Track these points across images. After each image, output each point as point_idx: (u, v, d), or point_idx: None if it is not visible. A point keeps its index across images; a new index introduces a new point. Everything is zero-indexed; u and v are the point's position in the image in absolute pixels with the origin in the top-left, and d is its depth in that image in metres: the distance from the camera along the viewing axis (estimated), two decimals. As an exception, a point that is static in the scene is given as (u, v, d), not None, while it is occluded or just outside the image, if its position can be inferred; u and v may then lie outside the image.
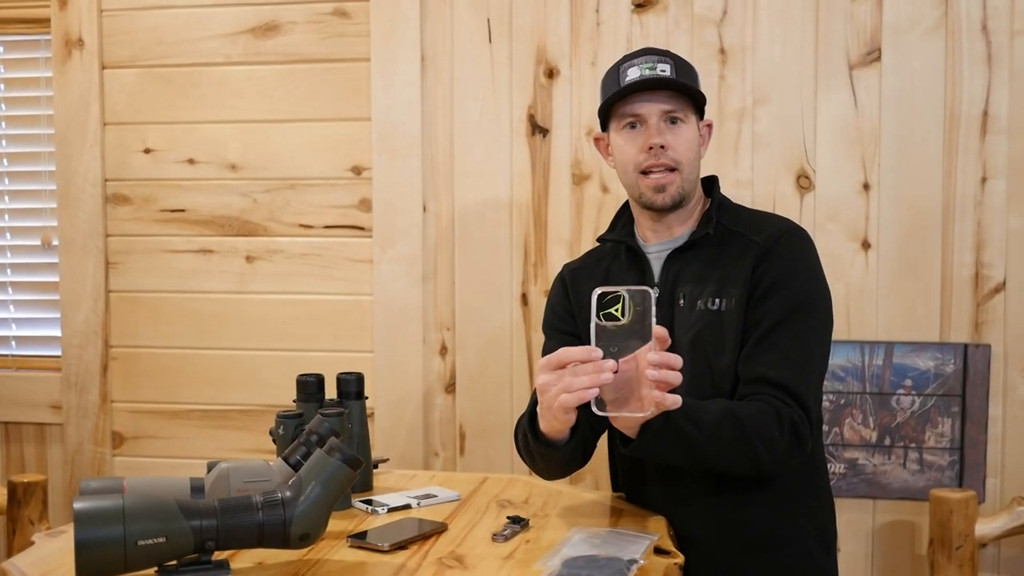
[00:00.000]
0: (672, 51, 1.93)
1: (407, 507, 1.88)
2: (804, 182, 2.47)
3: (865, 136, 2.45)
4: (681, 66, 1.86)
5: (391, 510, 1.85)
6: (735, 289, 1.80)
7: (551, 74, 2.56)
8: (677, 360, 1.53)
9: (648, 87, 1.82)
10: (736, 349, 1.79)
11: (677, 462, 1.74)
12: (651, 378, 1.50)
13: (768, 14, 2.47)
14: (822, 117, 2.46)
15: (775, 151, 2.48)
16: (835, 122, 2.46)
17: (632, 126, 1.85)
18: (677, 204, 1.86)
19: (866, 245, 2.46)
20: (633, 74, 1.83)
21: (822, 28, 2.45)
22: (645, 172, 1.84)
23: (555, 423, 1.67)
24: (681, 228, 1.90)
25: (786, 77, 2.47)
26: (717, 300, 1.81)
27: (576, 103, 2.55)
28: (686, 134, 1.85)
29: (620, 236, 1.96)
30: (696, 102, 1.87)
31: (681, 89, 1.83)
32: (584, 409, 1.59)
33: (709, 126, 1.94)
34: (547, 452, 1.79)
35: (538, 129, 2.58)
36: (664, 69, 1.83)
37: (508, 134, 2.59)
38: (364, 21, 2.63)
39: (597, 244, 2.05)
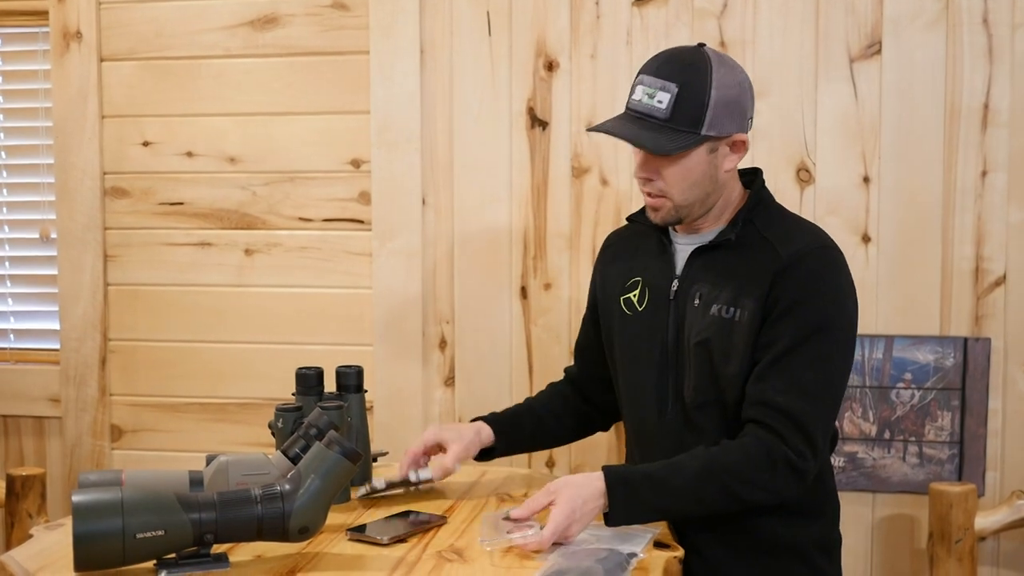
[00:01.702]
0: (699, 60, 1.76)
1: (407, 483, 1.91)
2: (804, 175, 2.47)
3: (865, 129, 2.44)
4: (688, 95, 1.72)
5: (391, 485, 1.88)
6: (749, 301, 1.76)
7: (551, 67, 2.56)
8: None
9: (618, 136, 1.76)
10: (744, 360, 1.76)
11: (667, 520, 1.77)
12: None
13: (768, 7, 2.46)
14: (822, 110, 2.45)
15: (775, 144, 2.47)
16: (835, 115, 2.45)
17: None
18: (676, 222, 1.83)
19: (866, 239, 2.45)
20: (636, 94, 1.76)
21: (822, 21, 2.44)
22: (643, 191, 1.83)
23: None
24: (711, 225, 1.85)
25: (786, 70, 2.46)
26: (732, 309, 1.77)
27: (576, 96, 2.54)
28: (676, 166, 1.76)
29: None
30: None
31: (655, 150, 1.73)
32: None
33: (740, 142, 1.81)
34: None
35: (537, 122, 2.57)
36: (662, 100, 1.73)
37: (507, 127, 2.58)
38: (363, 14, 2.62)
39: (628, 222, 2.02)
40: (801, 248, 1.77)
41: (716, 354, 1.78)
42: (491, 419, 2.02)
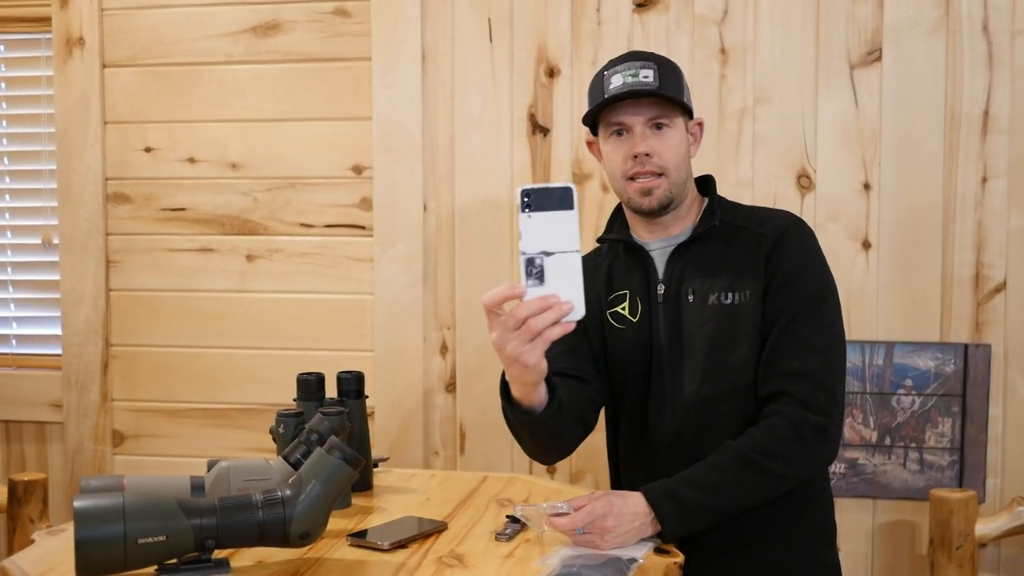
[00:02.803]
0: (658, 53, 1.92)
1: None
2: (805, 182, 2.47)
3: (866, 136, 2.44)
4: (665, 70, 1.84)
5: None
6: (749, 282, 1.82)
7: (552, 73, 2.56)
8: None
9: (630, 96, 1.81)
10: (752, 342, 1.81)
11: (722, 521, 1.74)
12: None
13: (769, 14, 2.47)
14: (823, 117, 2.46)
15: (776, 151, 2.48)
16: (836, 122, 2.45)
17: (619, 133, 1.85)
18: (664, 207, 1.86)
19: (867, 245, 2.45)
20: (616, 82, 1.83)
21: (823, 28, 2.45)
22: (632, 178, 1.85)
23: (526, 377, 1.60)
24: (679, 227, 1.91)
25: (787, 77, 2.47)
26: (730, 294, 1.83)
27: (577, 102, 2.55)
28: (672, 139, 1.84)
29: (619, 236, 1.96)
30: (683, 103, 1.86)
31: (662, 97, 1.82)
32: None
33: (700, 124, 1.94)
34: (530, 422, 1.72)
35: (539, 128, 2.57)
36: (647, 75, 1.82)
37: (509, 133, 2.59)
38: (365, 20, 2.63)
39: (596, 246, 2.05)
40: (780, 224, 1.87)
41: (725, 343, 1.82)
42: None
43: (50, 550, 1.64)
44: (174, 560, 1.48)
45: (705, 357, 1.83)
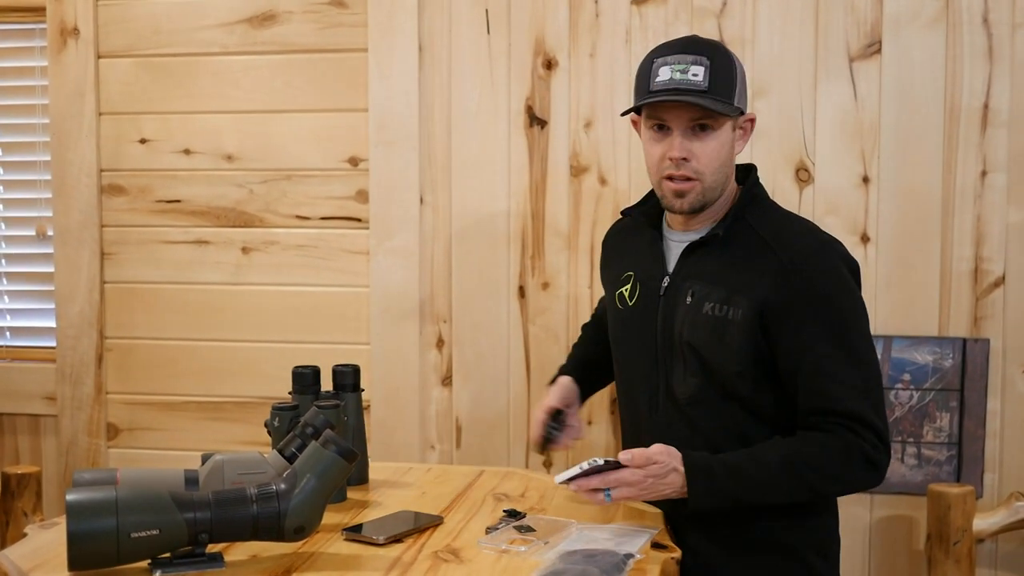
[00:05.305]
0: (715, 41, 1.83)
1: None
2: (803, 175, 2.46)
3: (865, 129, 2.43)
4: (719, 68, 1.75)
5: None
6: (744, 299, 1.75)
7: (549, 65, 2.55)
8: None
9: (674, 97, 1.73)
10: (744, 358, 1.75)
11: (740, 508, 1.76)
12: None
13: (768, 6, 2.45)
14: (822, 110, 2.45)
15: (774, 143, 2.47)
16: (835, 115, 2.44)
17: (659, 128, 1.79)
18: (697, 210, 1.81)
19: (865, 239, 2.45)
20: (663, 75, 1.75)
21: (822, 20, 2.44)
22: (668, 177, 1.79)
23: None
24: (703, 222, 1.85)
25: (786, 69, 2.46)
26: (725, 307, 1.76)
27: (575, 95, 2.54)
28: (713, 142, 1.76)
29: (650, 214, 1.93)
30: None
31: (706, 108, 1.74)
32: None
33: (751, 120, 1.85)
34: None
35: (536, 121, 2.56)
36: (696, 73, 1.73)
37: (506, 126, 2.57)
38: (361, 11, 2.61)
39: (620, 217, 2.06)
40: (801, 250, 1.76)
41: (708, 352, 1.77)
42: (571, 370, 2.09)
43: (43, 544, 1.64)
44: (167, 554, 1.48)
45: (696, 362, 1.79)
